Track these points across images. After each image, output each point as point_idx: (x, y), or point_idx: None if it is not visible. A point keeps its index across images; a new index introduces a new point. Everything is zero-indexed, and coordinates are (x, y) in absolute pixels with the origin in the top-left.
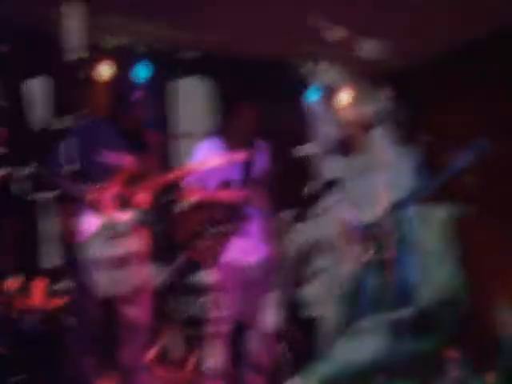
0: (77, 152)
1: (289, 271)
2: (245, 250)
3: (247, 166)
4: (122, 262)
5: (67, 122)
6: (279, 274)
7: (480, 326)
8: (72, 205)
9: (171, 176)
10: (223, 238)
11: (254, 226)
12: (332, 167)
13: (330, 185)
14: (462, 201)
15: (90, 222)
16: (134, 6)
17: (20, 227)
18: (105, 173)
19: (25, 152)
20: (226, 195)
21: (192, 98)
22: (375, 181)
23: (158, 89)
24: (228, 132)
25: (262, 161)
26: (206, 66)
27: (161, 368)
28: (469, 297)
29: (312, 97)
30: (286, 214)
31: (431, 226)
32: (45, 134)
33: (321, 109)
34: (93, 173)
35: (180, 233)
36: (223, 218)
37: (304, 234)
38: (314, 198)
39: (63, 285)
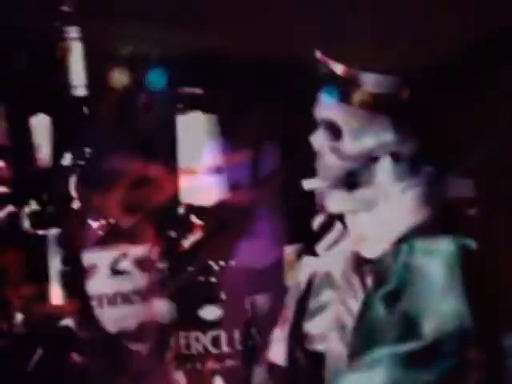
0: (84, 157)
1: (295, 305)
2: (256, 252)
3: (256, 167)
4: (128, 297)
5: (70, 159)
6: (285, 308)
7: None
8: (78, 241)
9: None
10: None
11: (266, 228)
12: (337, 201)
13: (335, 218)
14: (466, 233)
15: (96, 258)
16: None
17: (26, 263)
18: (109, 178)
19: (29, 189)
20: (235, 197)
21: (193, 132)
22: (379, 214)
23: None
24: (236, 134)
25: (271, 162)
26: (219, 71)
27: None
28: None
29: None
30: (293, 248)
31: (436, 258)
32: (49, 170)
33: (323, 142)
34: (98, 178)
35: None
36: (233, 220)
37: (310, 267)
38: (319, 232)
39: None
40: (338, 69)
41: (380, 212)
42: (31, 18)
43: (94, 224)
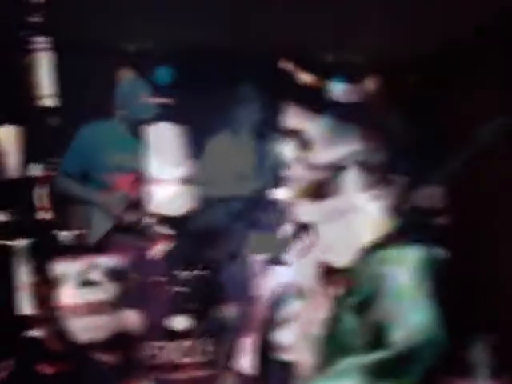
0: (84, 154)
1: (265, 314)
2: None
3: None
4: (96, 308)
5: (39, 169)
6: (255, 318)
7: None
8: (46, 252)
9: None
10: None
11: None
12: (305, 211)
13: (304, 228)
14: (435, 243)
15: (66, 268)
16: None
17: None
18: (113, 175)
19: None
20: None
21: (164, 143)
22: (348, 223)
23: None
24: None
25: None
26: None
27: None
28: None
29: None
30: (262, 258)
31: (405, 268)
32: (17, 181)
33: (292, 152)
34: (101, 175)
35: None
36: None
37: (279, 277)
38: (288, 242)
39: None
40: (306, 78)
41: (349, 221)
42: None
43: (64, 234)
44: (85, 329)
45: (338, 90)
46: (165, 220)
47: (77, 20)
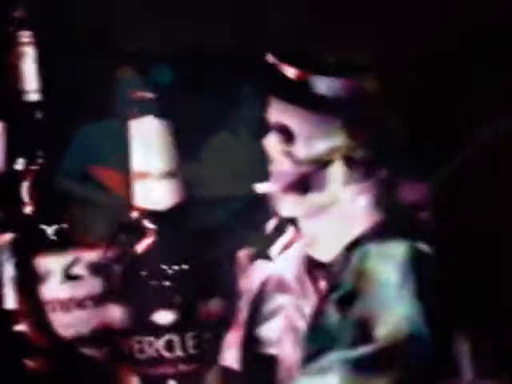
0: (84, 154)
1: (248, 309)
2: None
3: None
4: (81, 302)
5: (22, 164)
6: (238, 312)
7: None
8: (31, 246)
9: None
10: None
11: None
12: (289, 205)
13: (288, 222)
14: (420, 237)
15: (49, 262)
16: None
17: None
18: (112, 175)
19: None
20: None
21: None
22: (332, 218)
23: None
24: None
25: None
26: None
27: None
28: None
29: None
30: (246, 251)
31: (389, 263)
32: (1, 176)
33: (275, 145)
34: (100, 175)
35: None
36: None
37: (263, 271)
38: (272, 236)
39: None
40: (290, 72)
41: (332, 216)
42: None
43: (48, 228)
44: (69, 323)
45: (329, 85)
46: (155, 215)
47: (76, 19)
